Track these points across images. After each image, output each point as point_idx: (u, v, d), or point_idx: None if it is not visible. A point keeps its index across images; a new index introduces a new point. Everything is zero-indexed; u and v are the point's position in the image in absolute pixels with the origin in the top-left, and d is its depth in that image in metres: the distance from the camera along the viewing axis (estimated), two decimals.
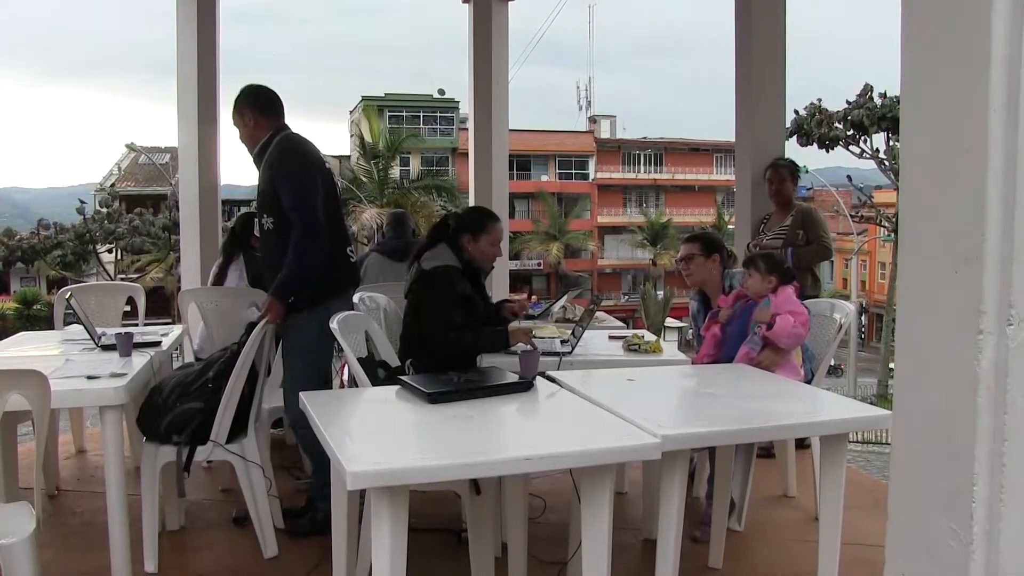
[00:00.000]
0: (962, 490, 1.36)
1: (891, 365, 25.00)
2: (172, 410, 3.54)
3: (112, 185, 36.79)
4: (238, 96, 3.99)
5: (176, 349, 4.42)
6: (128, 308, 5.72)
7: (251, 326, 3.67)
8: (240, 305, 4.80)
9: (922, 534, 1.45)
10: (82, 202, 27.66)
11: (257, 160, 3.95)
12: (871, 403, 11.57)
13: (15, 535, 2.45)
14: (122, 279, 23.57)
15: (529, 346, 3.85)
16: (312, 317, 3.81)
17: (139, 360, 3.72)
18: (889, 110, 23.54)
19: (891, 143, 24.56)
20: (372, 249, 6.19)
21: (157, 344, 4.19)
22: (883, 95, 24.21)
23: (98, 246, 28.75)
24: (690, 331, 4.58)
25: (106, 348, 4.00)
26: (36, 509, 2.61)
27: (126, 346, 3.82)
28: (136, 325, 5.27)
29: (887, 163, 24.94)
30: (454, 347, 3.81)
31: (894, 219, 25.87)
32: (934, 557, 1.42)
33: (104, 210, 29.49)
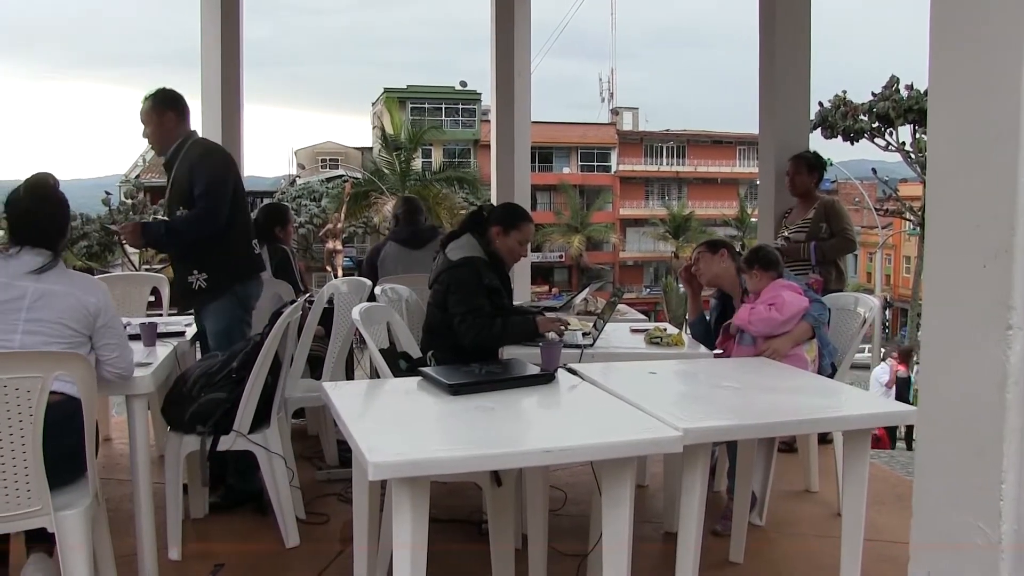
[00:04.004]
0: (990, 487, 1.35)
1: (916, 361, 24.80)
2: (196, 400, 3.57)
3: (137, 177, 37.00)
4: (160, 97, 4.20)
5: (197, 339, 4.44)
6: (152, 298, 5.76)
7: (275, 317, 3.68)
8: (264, 295, 4.81)
9: (948, 531, 1.44)
10: (108, 193, 27.88)
11: (170, 160, 4.20)
12: None
13: (73, 507, 2.70)
14: (147, 270, 23.70)
15: (558, 334, 3.92)
16: (232, 301, 4.16)
17: (163, 350, 3.75)
18: (915, 102, 23.35)
19: (917, 135, 24.36)
20: (388, 239, 6.12)
21: (181, 334, 4.21)
22: (909, 87, 24.02)
23: (115, 224, 28.91)
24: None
25: (131, 338, 4.02)
26: (92, 485, 2.80)
27: (150, 336, 3.85)
28: (160, 315, 5.31)
29: (913, 156, 24.73)
30: (481, 336, 3.83)
31: (920, 212, 25.67)
32: (961, 555, 1.40)
33: (129, 201, 29.70)
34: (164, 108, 4.15)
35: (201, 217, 4.02)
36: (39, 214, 3.03)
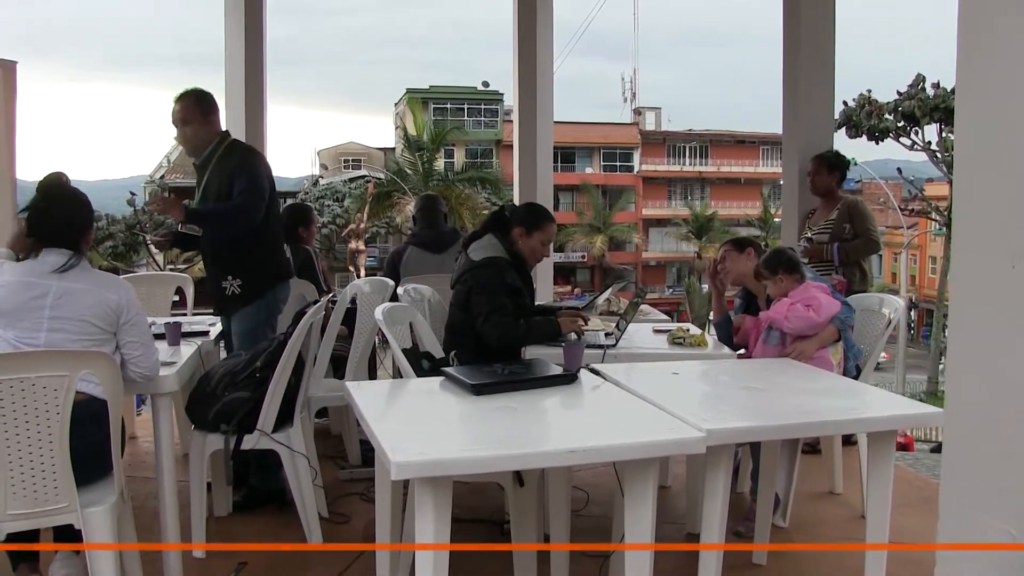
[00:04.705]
0: (1017, 490, 1.34)
1: (941, 362, 24.58)
2: (220, 399, 3.59)
3: (162, 177, 37.28)
4: (199, 96, 4.20)
5: (223, 339, 4.47)
6: (177, 298, 5.79)
7: (298, 316, 3.70)
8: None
9: (974, 535, 1.42)
10: (132, 194, 28.11)
11: (206, 161, 4.21)
12: (920, 400, 11.41)
13: (99, 505, 2.75)
14: (171, 269, 23.85)
15: (578, 333, 3.93)
16: (262, 304, 4.20)
17: (187, 349, 3.78)
18: (942, 101, 23.15)
19: (944, 134, 24.13)
20: (409, 242, 6.02)
21: (205, 333, 4.24)
22: (936, 85, 23.81)
23: (148, 237, 29.15)
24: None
25: (156, 337, 4.05)
26: (118, 483, 2.84)
27: (175, 335, 3.87)
28: (184, 315, 5.34)
29: (939, 155, 24.50)
30: (506, 335, 3.83)
31: (946, 212, 25.45)
32: (987, 559, 1.39)
33: None
34: (208, 108, 4.18)
35: (242, 208, 4.06)
36: (54, 214, 3.07)
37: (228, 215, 4.09)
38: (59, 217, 3.06)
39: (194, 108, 4.14)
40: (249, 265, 4.16)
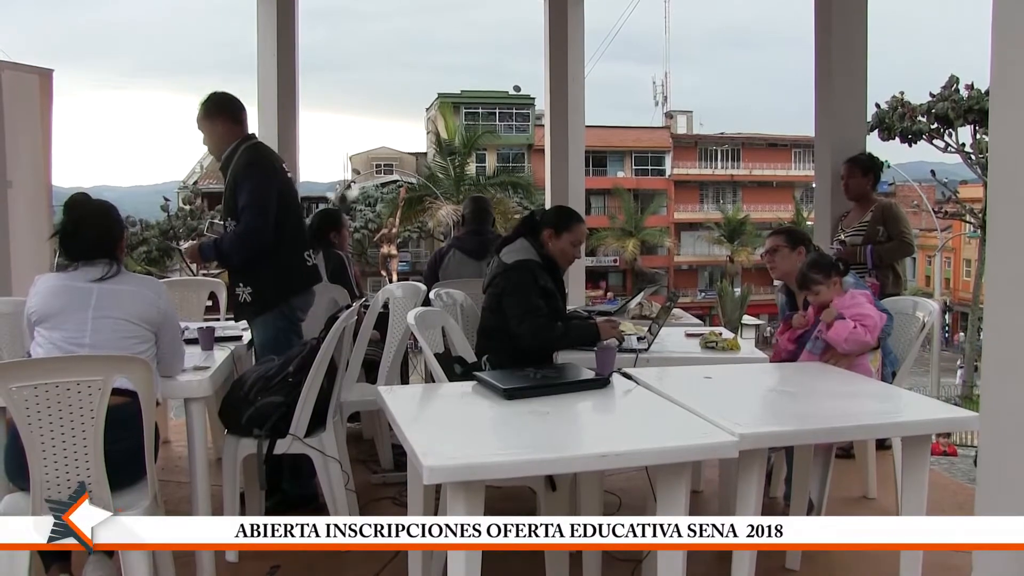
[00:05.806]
0: None
1: (976, 364, 24.27)
2: (253, 403, 3.61)
3: (195, 183, 37.70)
4: (210, 102, 4.19)
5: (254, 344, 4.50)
6: (210, 303, 5.84)
7: (331, 321, 3.72)
8: (319, 300, 4.85)
9: (1012, 538, 1.40)
10: (166, 199, 28.52)
11: (224, 166, 4.20)
12: (955, 404, 11.28)
13: (133, 508, 2.80)
14: (204, 275, 24.05)
15: (616, 340, 3.90)
16: (278, 314, 4.15)
17: (220, 354, 3.81)
18: (976, 102, 22.95)
19: (978, 136, 23.90)
20: (452, 245, 5.93)
21: (238, 338, 4.27)
22: (970, 87, 23.58)
23: (181, 242, 29.49)
24: (768, 329, 4.48)
25: (189, 342, 4.08)
26: (151, 486, 2.89)
27: (208, 340, 3.91)
28: (218, 320, 5.39)
29: (974, 157, 24.26)
30: (542, 336, 3.83)
31: (981, 214, 25.17)
32: None
33: (187, 207, 30.30)
34: (215, 114, 4.16)
35: (245, 234, 4.03)
36: (84, 234, 3.14)
37: (236, 244, 4.08)
38: (88, 235, 3.13)
39: (208, 114, 4.16)
40: (259, 275, 4.13)
